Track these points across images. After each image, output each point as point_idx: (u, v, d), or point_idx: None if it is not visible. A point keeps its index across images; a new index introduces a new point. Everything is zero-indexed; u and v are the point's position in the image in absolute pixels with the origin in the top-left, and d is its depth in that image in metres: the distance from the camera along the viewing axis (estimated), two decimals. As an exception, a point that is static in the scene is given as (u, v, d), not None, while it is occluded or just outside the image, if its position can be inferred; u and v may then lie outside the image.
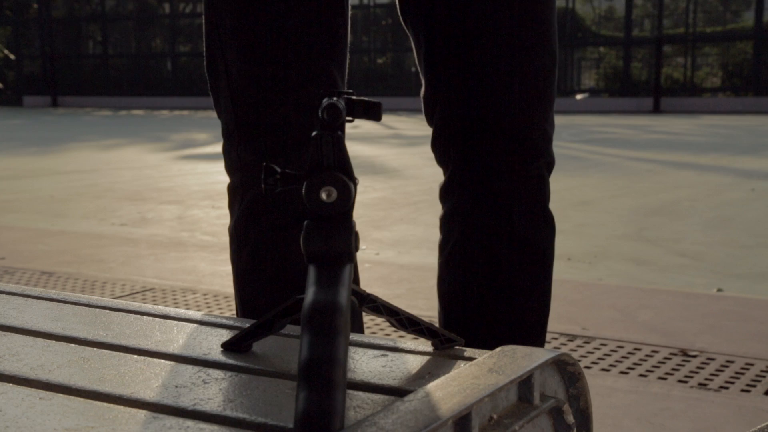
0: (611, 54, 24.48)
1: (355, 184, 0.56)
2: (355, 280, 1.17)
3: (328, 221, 0.55)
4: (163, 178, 6.93)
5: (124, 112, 22.78)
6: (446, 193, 1.20)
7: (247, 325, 0.77)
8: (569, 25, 24.22)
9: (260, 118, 1.06)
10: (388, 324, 2.29)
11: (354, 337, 0.72)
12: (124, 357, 0.67)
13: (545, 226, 1.19)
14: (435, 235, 4.34)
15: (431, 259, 3.56)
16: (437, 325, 1.18)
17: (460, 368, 0.61)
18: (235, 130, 1.08)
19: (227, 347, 0.68)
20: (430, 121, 1.19)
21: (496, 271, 1.16)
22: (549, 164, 1.19)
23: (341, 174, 0.55)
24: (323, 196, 0.55)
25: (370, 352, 0.69)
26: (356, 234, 0.56)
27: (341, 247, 0.55)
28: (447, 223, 1.20)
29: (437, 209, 1.23)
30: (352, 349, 0.69)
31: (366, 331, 2.08)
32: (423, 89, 1.19)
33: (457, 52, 1.12)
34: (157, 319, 0.78)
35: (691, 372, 2.00)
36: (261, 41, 1.05)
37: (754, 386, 1.90)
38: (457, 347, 0.69)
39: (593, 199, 5.46)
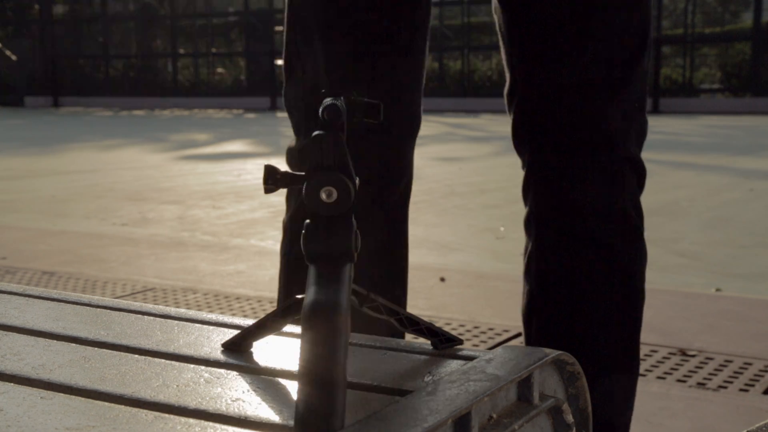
0: (611, 54, 24.42)
1: (356, 185, 0.56)
2: (398, 284, 1.12)
3: (329, 221, 0.56)
4: (164, 178, 6.93)
5: (125, 113, 22.79)
6: (524, 192, 1.12)
7: (248, 324, 0.77)
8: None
9: None
10: (388, 324, 2.29)
11: (354, 337, 0.73)
12: (125, 356, 0.67)
13: (624, 228, 1.07)
14: (435, 235, 4.34)
15: (431, 259, 3.56)
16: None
17: (460, 368, 0.61)
18: (303, 126, 1.07)
19: (228, 347, 0.69)
20: (511, 115, 1.13)
21: (571, 277, 1.06)
22: (631, 162, 1.07)
23: (341, 174, 0.55)
24: (323, 196, 0.55)
25: (370, 352, 0.69)
26: (357, 234, 0.56)
27: (341, 247, 0.55)
28: (526, 226, 1.12)
29: (437, 209, 1.22)
30: (352, 349, 0.69)
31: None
32: (506, 84, 1.12)
33: (532, 37, 1.05)
34: (158, 319, 0.78)
35: (690, 371, 2.00)
36: (338, 35, 1.03)
37: (753, 385, 1.90)
38: (456, 347, 0.69)
39: (593, 199, 5.45)
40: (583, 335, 1.08)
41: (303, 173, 0.57)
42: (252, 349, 0.69)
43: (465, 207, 5.15)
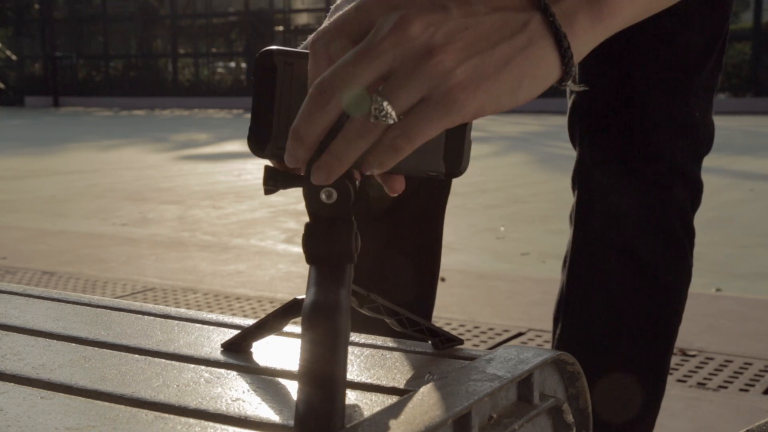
0: (611, 54, 24.38)
1: (356, 185, 0.56)
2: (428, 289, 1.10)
3: (329, 222, 0.56)
4: (164, 178, 6.93)
5: (125, 113, 22.79)
6: (572, 184, 1.08)
7: (248, 324, 0.77)
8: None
9: None
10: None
11: (354, 337, 0.73)
12: (125, 356, 0.67)
13: (665, 243, 1.02)
14: (435, 236, 4.33)
15: (431, 259, 3.55)
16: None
17: (460, 368, 0.61)
18: None
19: (228, 347, 0.69)
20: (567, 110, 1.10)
21: (599, 283, 1.04)
22: (683, 175, 1.01)
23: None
24: (323, 197, 0.55)
25: (370, 352, 0.69)
26: (356, 234, 0.56)
27: (341, 248, 0.55)
28: (570, 218, 1.09)
29: (437, 209, 1.21)
30: (352, 349, 0.69)
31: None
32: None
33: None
34: (158, 319, 0.78)
35: (690, 371, 2.00)
36: None
37: (753, 385, 1.90)
38: (456, 347, 0.69)
39: (593, 199, 5.45)
40: (602, 342, 1.05)
41: (303, 174, 0.57)
42: (252, 349, 0.69)
43: (465, 207, 5.15)
